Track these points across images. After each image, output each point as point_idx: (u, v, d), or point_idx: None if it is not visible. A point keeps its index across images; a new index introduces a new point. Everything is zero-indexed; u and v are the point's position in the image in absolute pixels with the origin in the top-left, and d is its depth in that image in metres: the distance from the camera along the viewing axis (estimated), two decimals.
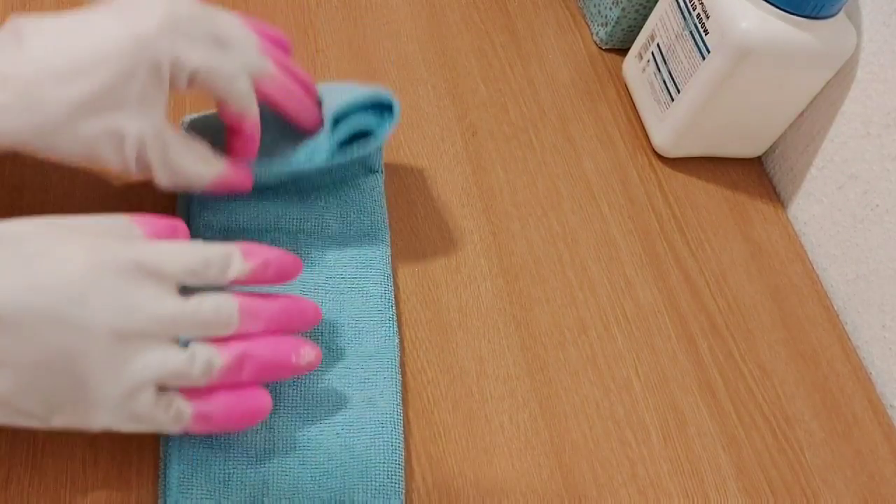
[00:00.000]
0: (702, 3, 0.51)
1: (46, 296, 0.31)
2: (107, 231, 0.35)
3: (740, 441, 0.46)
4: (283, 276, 0.37)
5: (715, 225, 0.55)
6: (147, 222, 0.36)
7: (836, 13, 0.50)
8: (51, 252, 0.32)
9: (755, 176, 0.59)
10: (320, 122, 0.43)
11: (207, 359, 0.34)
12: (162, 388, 0.34)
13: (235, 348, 0.35)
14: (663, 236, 0.53)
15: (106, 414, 0.33)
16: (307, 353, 0.37)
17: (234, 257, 0.35)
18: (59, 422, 0.33)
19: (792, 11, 0.48)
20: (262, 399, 0.36)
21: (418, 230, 0.49)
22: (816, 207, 0.56)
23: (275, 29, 0.44)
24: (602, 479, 0.42)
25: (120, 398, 0.32)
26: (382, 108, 0.44)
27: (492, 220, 0.50)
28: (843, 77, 0.54)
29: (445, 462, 0.41)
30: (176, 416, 0.34)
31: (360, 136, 0.44)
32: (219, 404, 0.35)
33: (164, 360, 0.33)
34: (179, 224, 0.37)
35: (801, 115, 0.57)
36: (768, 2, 0.48)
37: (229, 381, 0.35)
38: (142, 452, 0.37)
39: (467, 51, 0.59)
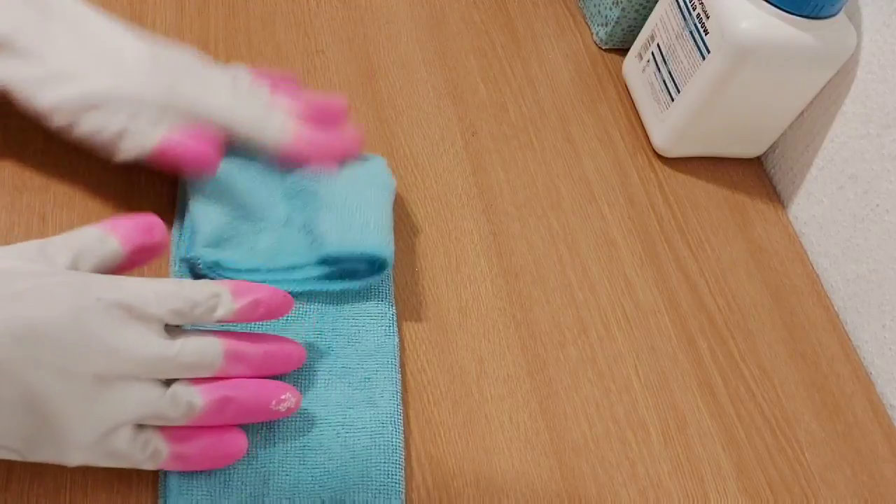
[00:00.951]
0: (702, 3, 0.51)
1: (29, 339, 0.31)
2: (84, 248, 0.34)
3: (740, 441, 0.46)
4: (273, 314, 0.37)
5: (715, 225, 0.55)
6: (122, 228, 0.36)
7: (836, 13, 0.50)
8: (36, 292, 0.32)
9: (755, 176, 0.59)
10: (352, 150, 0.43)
11: (188, 400, 0.34)
12: (140, 426, 0.34)
13: (217, 391, 0.35)
14: (663, 236, 0.53)
15: (82, 452, 0.33)
16: (288, 398, 0.36)
17: (222, 297, 0.35)
18: (37, 457, 0.33)
19: (792, 11, 0.48)
20: (239, 442, 0.36)
21: (418, 230, 0.49)
22: (816, 207, 0.56)
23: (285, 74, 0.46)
24: (602, 479, 0.42)
25: (97, 438, 0.32)
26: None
27: (492, 220, 0.50)
28: (843, 77, 0.54)
29: (445, 462, 0.41)
30: (153, 455, 0.34)
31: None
32: (195, 446, 0.35)
33: (144, 401, 0.33)
34: (154, 222, 0.36)
35: (801, 115, 0.57)
36: (768, 2, 0.48)
37: (209, 422, 0.35)
38: None
39: (467, 51, 0.59)
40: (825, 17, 0.49)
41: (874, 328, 0.52)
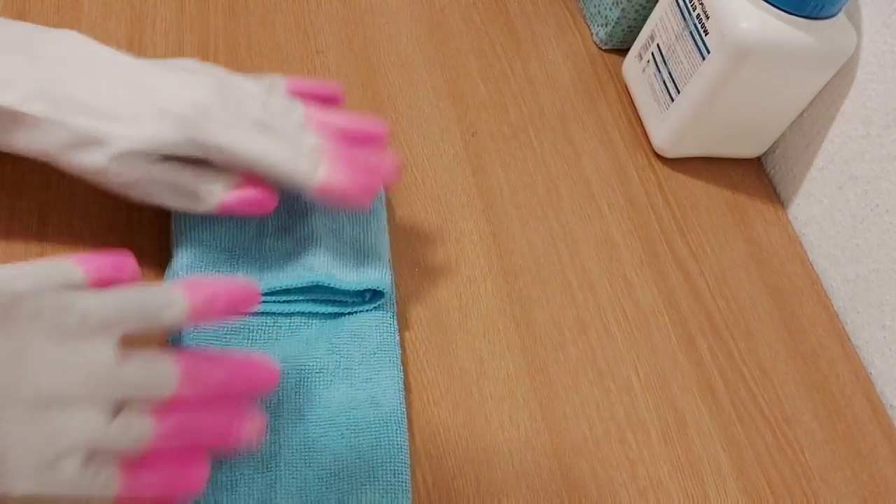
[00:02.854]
0: (702, 4, 0.51)
1: None
2: (49, 278, 0.33)
3: (740, 441, 0.46)
4: (236, 308, 0.34)
5: (715, 225, 0.55)
6: (91, 262, 0.34)
7: (836, 13, 0.50)
8: None
9: (755, 176, 0.59)
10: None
11: (139, 429, 0.31)
12: (92, 455, 0.31)
13: (169, 419, 0.32)
14: (663, 236, 0.53)
15: (26, 481, 0.30)
16: (248, 425, 0.34)
17: (174, 297, 0.33)
18: None
19: (792, 11, 0.48)
20: (197, 475, 0.33)
21: (418, 230, 0.49)
22: (816, 208, 0.56)
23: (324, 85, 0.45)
24: (602, 480, 0.42)
25: (40, 466, 0.30)
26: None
27: (492, 220, 0.50)
28: (843, 77, 0.54)
29: (445, 462, 0.41)
30: (105, 485, 0.31)
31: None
32: (149, 480, 0.32)
33: (87, 427, 0.30)
34: (126, 261, 0.36)
35: (801, 115, 0.57)
36: (768, 2, 0.48)
37: (162, 451, 0.32)
38: None
39: (467, 51, 0.59)
40: (825, 18, 0.49)
41: (874, 328, 0.52)
